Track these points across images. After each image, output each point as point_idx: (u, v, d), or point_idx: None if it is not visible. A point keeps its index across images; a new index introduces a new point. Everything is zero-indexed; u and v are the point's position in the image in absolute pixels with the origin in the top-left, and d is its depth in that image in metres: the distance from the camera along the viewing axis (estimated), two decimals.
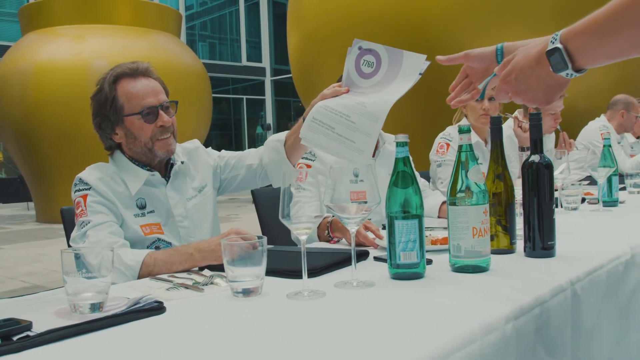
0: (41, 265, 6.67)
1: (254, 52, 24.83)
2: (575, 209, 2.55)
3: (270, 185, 2.17)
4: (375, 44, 1.67)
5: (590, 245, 1.71)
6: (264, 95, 24.46)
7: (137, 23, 10.93)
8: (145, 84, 1.90)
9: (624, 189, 3.10)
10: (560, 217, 2.36)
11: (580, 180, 3.59)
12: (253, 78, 24.32)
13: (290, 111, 24.29)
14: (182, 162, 2.01)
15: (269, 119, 24.36)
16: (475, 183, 1.38)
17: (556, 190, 2.54)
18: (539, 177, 1.55)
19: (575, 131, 4.69)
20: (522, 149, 3.24)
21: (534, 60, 1.11)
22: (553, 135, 3.97)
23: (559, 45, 1.05)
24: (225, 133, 24.17)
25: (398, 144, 1.37)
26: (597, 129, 4.48)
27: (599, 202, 2.57)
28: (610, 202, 2.65)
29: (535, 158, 1.57)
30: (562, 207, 2.53)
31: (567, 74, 1.07)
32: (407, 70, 1.65)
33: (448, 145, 2.95)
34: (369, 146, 1.56)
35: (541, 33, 4.07)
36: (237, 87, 24.30)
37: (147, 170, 1.91)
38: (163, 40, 11.07)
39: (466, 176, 1.39)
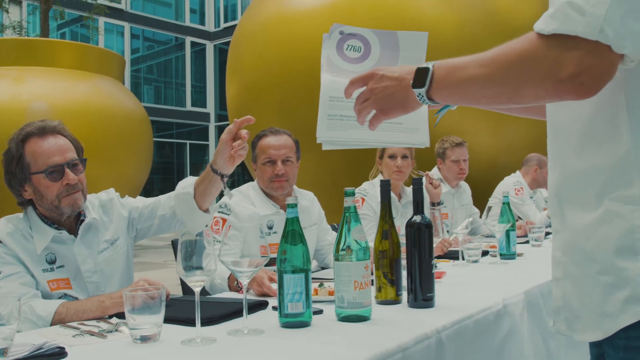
0: None
1: (199, 98, 25.00)
2: (475, 261, 2.75)
3: None
4: (359, 28, 1.56)
5: (470, 296, 1.89)
6: (207, 140, 24.54)
7: (79, 67, 10.94)
8: (53, 142, 1.96)
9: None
10: (460, 269, 2.57)
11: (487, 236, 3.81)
12: (197, 123, 24.43)
13: None
14: (94, 218, 2.07)
15: None
16: (357, 241, 1.55)
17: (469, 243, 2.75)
18: (420, 236, 1.74)
19: (497, 185, 4.98)
20: (432, 205, 3.46)
21: (406, 71, 1.19)
22: (465, 185, 4.22)
23: (430, 66, 1.14)
24: (168, 177, 24.04)
25: (289, 206, 1.53)
26: (511, 184, 4.77)
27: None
28: (508, 255, 2.86)
29: (417, 218, 1.76)
30: (463, 259, 2.73)
31: (419, 93, 1.15)
32: (410, 50, 1.54)
33: (363, 199, 3.15)
34: (422, 121, 1.49)
35: None
36: (181, 132, 24.32)
37: (55, 228, 1.97)
38: (105, 85, 11.09)
39: (349, 235, 1.56)
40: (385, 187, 1.80)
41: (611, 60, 0.93)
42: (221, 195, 2.15)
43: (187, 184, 2.12)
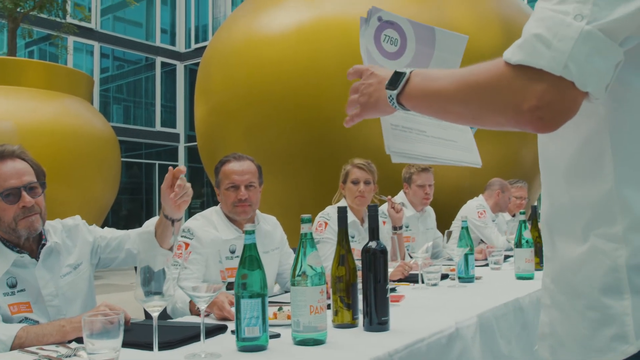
0: None
1: (169, 118, 24.90)
2: (435, 284, 2.81)
3: None
4: (397, 15, 1.45)
5: (425, 319, 1.95)
6: (177, 161, 24.42)
7: (47, 86, 10.86)
8: (11, 166, 1.99)
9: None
10: (418, 293, 2.63)
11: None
12: (167, 144, 24.32)
13: (203, 178, 24.29)
14: (56, 242, 2.10)
15: None
16: (312, 267, 1.60)
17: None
18: (375, 261, 1.80)
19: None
20: (394, 229, 3.54)
21: (387, 75, 1.20)
22: (430, 209, 4.31)
23: (407, 72, 1.15)
24: (136, 198, 23.82)
25: (246, 232, 1.58)
26: (474, 207, 4.88)
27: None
28: (467, 279, 2.94)
29: (373, 244, 1.82)
30: (423, 282, 2.79)
31: (390, 95, 1.17)
32: (446, 51, 1.46)
33: (326, 223, 3.21)
34: (472, 142, 1.45)
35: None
36: (150, 152, 24.17)
37: (17, 252, 2.00)
38: (72, 104, 11.03)
39: (305, 261, 1.61)
40: (342, 213, 1.86)
41: (574, 96, 0.93)
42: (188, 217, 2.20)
43: (151, 223, 2.19)
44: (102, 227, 2.35)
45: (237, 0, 23.80)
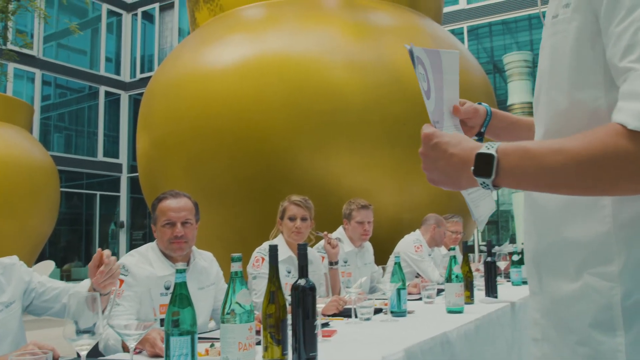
0: None
1: (112, 148, 24.55)
2: (368, 319, 2.88)
3: None
4: (419, 49, 1.34)
5: (354, 354, 2.01)
6: (119, 191, 24.03)
7: None
8: None
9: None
10: (351, 327, 2.70)
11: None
12: (109, 174, 23.92)
13: (145, 209, 23.95)
14: None
15: (123, 216, 23.86)
16: (241, 305, 1.65)
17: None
18: (304, 298, 1.86)
19: None
20: (330, 264, 3.62)
21: (460, 148, 1.10)
22: (368, 244, 4.41)
23: (494, 154, 1.03)
24: (76, 229, 23.25)
25: (177, 271, 1.62)
26: (411, 241, 5.01)
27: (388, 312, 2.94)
28: (399, 313, 3.02)
29: (302, 282, 1.88)
30: (356, 317, 2.86)
31: (484, 182, 1.05)
32: (449, 73, 1.39)
33: (263, 259, 3.26)
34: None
35: (371, 153, 4.62)
36: (91, 182, 23.71)
37: None
38: (10, 134, 10.80)
39: (234, 298, 1.65)
40: (273, 251, 1.91)
41: None
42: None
43: (86, 283, 2.20)
44: (39, 259, 2.36)
45: (183, 31, 23.84)
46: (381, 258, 4.71)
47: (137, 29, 25.67)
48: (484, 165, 1.03)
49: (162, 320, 2.36)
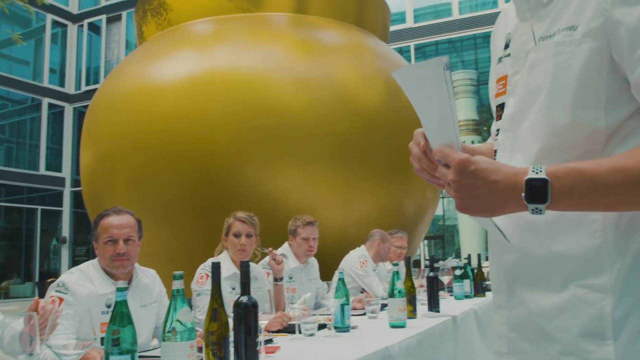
0: None
1: (54, 161, 23.94)
2: (312, 335, 2.91)
3: None
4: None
5: None
6: (61, 206, 23.44)
7: None
8: None
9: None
10: (295, 343, 2.72)
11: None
12: (51, 188, 23.30)
13: (89, 224, 23.44)
14: None
15: (65, 231, 23.26)
16: (182, 322, 1.66)
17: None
18: (246, 315, 1.88)
19: None
20: (275, 280, 3.64)
21: (508, 183, 1.04)
22: (313, 260, 4.44)
23: (545, 177, 1.01)
24: (16, 244, 22.53)
25: (118, 289, 1.62)
26: (356, 257, 5.07)
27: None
28: (343, 328, 3.06)
29: (244, 299, 1.90)
30: (300, 333, 2.88)
31: (537, 208, 1.02)
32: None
33: (207, 275, 3.25)
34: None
35: (317, 169, 4.63)
36: (33, 197, 23.06)
37: None
38: None
39: (175, 316, 1.66)
40: (216, 269, 1.93)
41: None
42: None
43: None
44: None
45: (131, 44, 23.55)
46: (327, 274, 4.75)
47: (83, 40, 25.20)
48: (537, 191, 1.01)
49: (102, 339, 2.34)
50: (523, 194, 1.01)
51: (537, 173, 1.01)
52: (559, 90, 1.11)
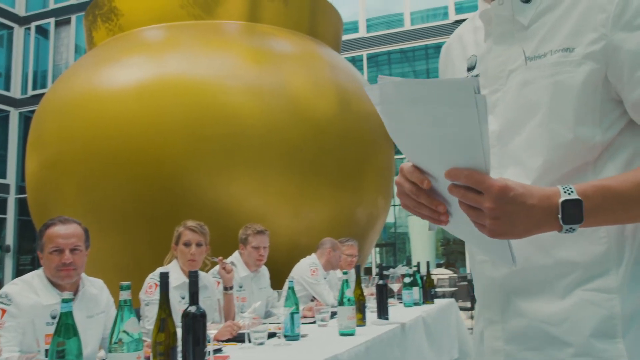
0: None
1: None
2: (261, 343, 2.92)
3: None
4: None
5: None
6: (5, 213, 22.75)
7: None
8: None
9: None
10: (244, 352, 2.72)
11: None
12: None
13: (34, 232, 22.84)
14: None
15: (9, 240, 22.57)
16: (129, 333, 1.65)
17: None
18: (194, 325, 1.88)
19: None
20: (225, 289, 3.63)
21: (544, 206, 1.02)
22: (264, 269, 4.45)
23: (577, 197, 1.02)
24: None
25: (63, 300, 1.61)
26: (307, 265, 5.10)
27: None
28: (293, 337, 3.07)
29: (192, 308, 1.91)
30: (250, 342, 2.89)
31: (571, 228, 1.02)
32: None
33: (156, 285, 3.22)
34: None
35: (267, 178, 4.64)
36: None
37: None
38: None
39: (122, 327, 1.65)
40: (164, 279, 1.93)
41: None
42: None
43: None
44: None
45: (80, 48, 23.09)
46: (278, 282, 4.76)
47: (30, 43, 24.59)
48: (573, 212, 1.02)
49: (47, 351, 2.30)
50: (560, 215, 1.02)
51: (569, 194, 1.02)
52: (560, 107, 1.15)
